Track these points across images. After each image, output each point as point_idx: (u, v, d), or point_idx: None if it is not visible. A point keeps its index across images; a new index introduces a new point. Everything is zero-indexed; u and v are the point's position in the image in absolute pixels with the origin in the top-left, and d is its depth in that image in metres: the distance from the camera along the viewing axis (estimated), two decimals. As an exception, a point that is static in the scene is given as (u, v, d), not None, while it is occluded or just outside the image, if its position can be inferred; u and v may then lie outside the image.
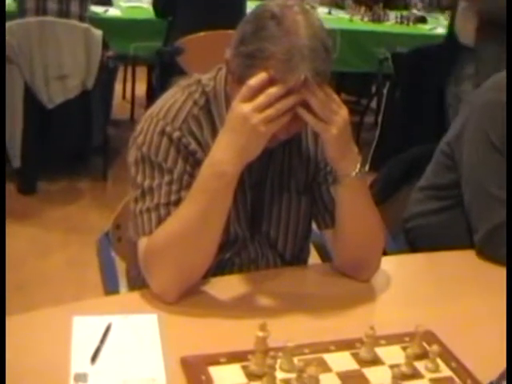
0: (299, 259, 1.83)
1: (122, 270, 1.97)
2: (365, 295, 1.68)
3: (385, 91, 4.69)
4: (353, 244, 1.68)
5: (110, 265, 1.95)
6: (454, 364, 1.43)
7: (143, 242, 1.56)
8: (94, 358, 1.35)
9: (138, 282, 1.72)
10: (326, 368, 1.37)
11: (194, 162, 1.59)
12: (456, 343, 1.49)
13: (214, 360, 1.35)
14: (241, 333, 1.43)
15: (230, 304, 1.58)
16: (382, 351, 1.44)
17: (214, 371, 1.32)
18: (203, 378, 1.30)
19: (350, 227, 1.65)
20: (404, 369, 1.38)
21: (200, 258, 1.54)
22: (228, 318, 1.52)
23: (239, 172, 1.50)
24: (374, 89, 5.41)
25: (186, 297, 1.55)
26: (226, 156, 1.48)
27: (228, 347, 1.39)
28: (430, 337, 1.49)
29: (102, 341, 1.40)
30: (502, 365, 1.40)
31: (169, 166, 1.58)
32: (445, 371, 1.42)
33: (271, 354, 1.32)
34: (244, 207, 1.70)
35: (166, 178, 1.58)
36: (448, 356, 1.45)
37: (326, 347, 1.43)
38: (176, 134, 1.59)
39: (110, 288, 1.88)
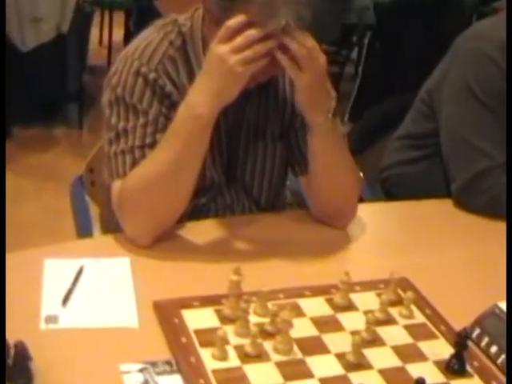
0: (275, 206, 1.81)
1: (96, 215, 1.94)
2: (340, 242, 1.67)
3: (366, 41, 4.64)
4: (327, 193, 1.66)
5: (84, 209, 1.92)
6: (428, 311, 1.43)
7: (117, 185, 1.53)
8: (65, 301, 1.33)
9: (111, 226, 1.70)
10: (299, 313, 1.36)
11: (170, 104, 1.56)
12: (431, 291, 1.49)
13: (187, 303, 1.34)
14: (215, 277, 1.41)
15: (204, 248, 1.56)
16: (356, 297, 1.43)
17: (187, 315, 1.31)
18: (176, 321, 1.29)
19: (322, 176, 1.64)
20: (378, 315, 1.37)
21: (175, 201, 1.52)
22: (202, 262, 1.50)
23: (215, 115, 1.48)
24: (354, 39, 5.35)
25: (160, 241, 1.53)
26: (202, 98, 1.45)
27: (201, 291, 1.37)
28: (405, 284, 1.49)
29: (74, 283, 1.38)
30: (476, 313, 1.40)
31: (144, 107, 1.54)
32: (419, 318, 1.41)
33: (245, 298, 1.31)
34: (220, 152, 1.67)
35: (141, 120, 1.54)
36: (422, 303, 1.45)
37: (300, 292, 1.42)
38: (152, 75, 1.55)
39: (83, 232, 1.86)
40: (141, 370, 1.17)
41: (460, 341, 1.28)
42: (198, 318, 1.30)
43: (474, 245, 1.73)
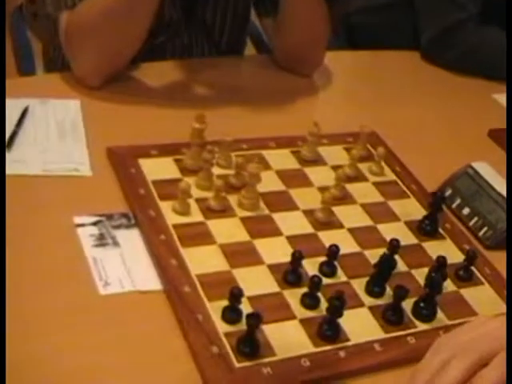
0: (235, 51, 1.69)
1: (39, 53, 1.78)
2: (306, 91, 1.56)
3: None
4: (296, 32, 1.53)
5: (25, 44, 1.76)
6: (398, 168, 1.35)
7: (65, 17, 1.37)
8: (9, 144, 1.20)
9: (57, 65, 1.56)
10: (265, 166, 1.26)
11: None
12: (400, 148, 1.40)
13: (144, 152, 1.22)
14: (174, 124, 1.29)
15: (162, 92, 1.43)
16: (324, 151, 1.34)
17: (145, 164, 1.19)
18: (132, 170, 1.18)
19: (294, 12, 1.51)
20: (348, 170, 1.29)
21: (128, 36, 1.36)
22: (159, 107, 1.37)
23: None
24: None
25: (113, 82, 1.39)
26: None
27: (160, 139, 1.25)
28: (375, 139, 1.40)
29: (18, 125, 1.25)
30: (446, 173, 1.33)
31: None
32: (389, 175, 1.33)
33: (208, 148, 1.20)
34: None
35: None
36: (393, 160, 1.36)
37: (265, 144, 1.32)
38: None
39: (26, 71, 1.71)
40: (95, 223, 1.07)
41: (434, 202, 1.21)
42: (157, 169, 1.19)
43: (443, 101, 1.65)
